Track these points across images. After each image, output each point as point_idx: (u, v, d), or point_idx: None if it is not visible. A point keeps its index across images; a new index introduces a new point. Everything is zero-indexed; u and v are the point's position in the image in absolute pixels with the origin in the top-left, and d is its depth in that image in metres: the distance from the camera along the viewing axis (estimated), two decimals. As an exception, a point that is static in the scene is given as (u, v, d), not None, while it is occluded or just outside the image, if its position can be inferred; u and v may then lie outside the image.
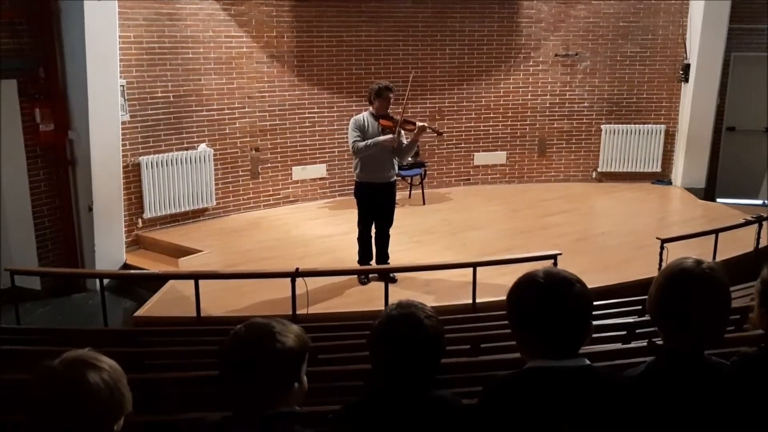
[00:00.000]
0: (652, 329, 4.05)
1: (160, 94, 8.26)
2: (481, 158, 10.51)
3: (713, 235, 6.64)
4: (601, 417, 1.90)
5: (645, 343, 3.77)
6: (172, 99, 8.37)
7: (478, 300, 5.83)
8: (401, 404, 2.00)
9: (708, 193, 10.33)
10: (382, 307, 5.32)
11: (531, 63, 10.35)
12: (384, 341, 2.02)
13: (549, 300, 1.93)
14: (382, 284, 5.92)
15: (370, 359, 2.07)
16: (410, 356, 1.98)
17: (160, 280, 6.71)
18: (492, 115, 10.42)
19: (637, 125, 10.48)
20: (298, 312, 5.52)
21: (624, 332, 4.37)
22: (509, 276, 6.56)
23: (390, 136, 6.25)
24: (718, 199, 10.13)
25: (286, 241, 8.03)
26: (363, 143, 6.27)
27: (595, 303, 2.13)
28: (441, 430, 2.01)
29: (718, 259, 6.32)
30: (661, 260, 6.00)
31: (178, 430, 2.71)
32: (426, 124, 6.48)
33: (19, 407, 1.66)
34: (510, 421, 1.93)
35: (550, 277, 1.98)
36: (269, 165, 9.33)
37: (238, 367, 1.87)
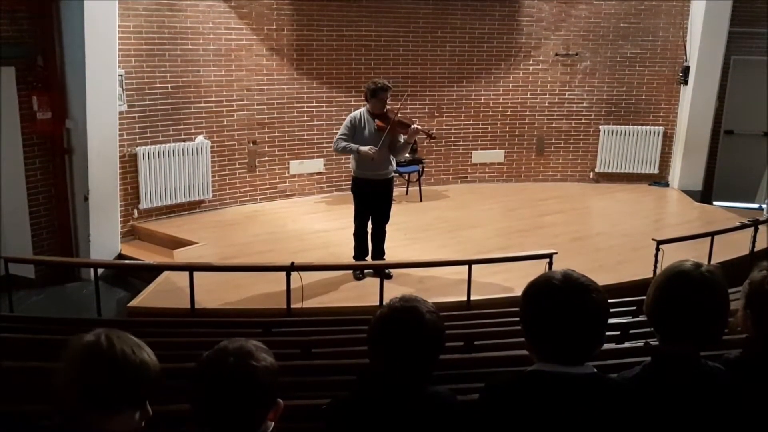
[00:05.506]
0: (646, 330, 4.08)
1: (158, 85, 8.23)
2: (478, 156, 10.51)
3: (709, 238, 6.64)
4: (604, 426, 1.87)
5: (639, 344, 3.78)
6: (170, 90, 8.35)
7: (472, 297, 5.81)
8: (396, 399, 1.99)
9: (705, 196, 10.34)
10: (377, 303, 5.37)
11: (531, 62, 10.34)
12: (384, 332, 2.02)
13: (564, 306, 1.87)
14: (377, 280, 5.92)
15: (368, 349, 2.07)
16: (409, 348, 1.98)
17: (154, 271, 6.71)
18: (491, 114, 10.41)
19: (635, 126, 10.48)
20: (292, 306, 5.52)
21: (618, 332, 4.37)
22: (504, 274, 6.60)
23: (371, 148, 6.24)
24: (715, 202, 10.14)
25: (282, 235, 8.01)
26: (344, 144, 6.34)
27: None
28: (435, 425, 2.00)
29: (714, 261, 6.33)
30: (656, 262, 6.01)
31: (168, 421, 2.71)
32: (418, 127, 6.47)
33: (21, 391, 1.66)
34: (510, 423, 1.90)
35: (568, 281, 1.91)
36: (266, 158, 9.32)
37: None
